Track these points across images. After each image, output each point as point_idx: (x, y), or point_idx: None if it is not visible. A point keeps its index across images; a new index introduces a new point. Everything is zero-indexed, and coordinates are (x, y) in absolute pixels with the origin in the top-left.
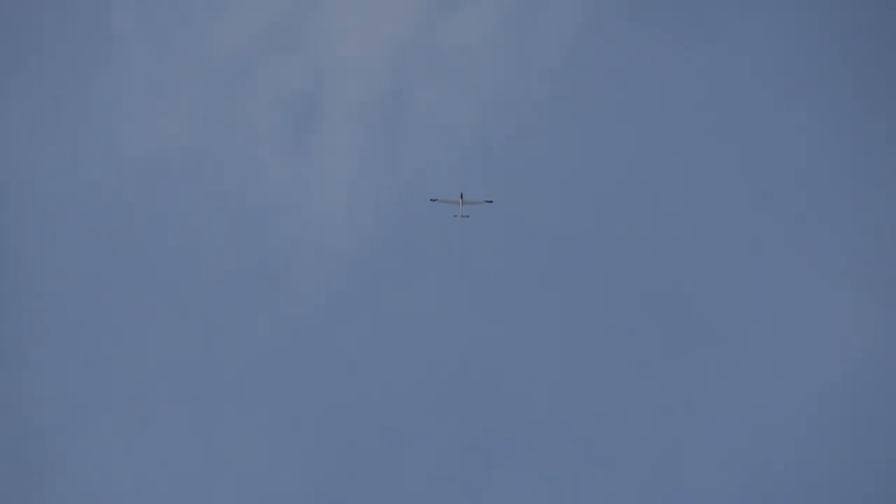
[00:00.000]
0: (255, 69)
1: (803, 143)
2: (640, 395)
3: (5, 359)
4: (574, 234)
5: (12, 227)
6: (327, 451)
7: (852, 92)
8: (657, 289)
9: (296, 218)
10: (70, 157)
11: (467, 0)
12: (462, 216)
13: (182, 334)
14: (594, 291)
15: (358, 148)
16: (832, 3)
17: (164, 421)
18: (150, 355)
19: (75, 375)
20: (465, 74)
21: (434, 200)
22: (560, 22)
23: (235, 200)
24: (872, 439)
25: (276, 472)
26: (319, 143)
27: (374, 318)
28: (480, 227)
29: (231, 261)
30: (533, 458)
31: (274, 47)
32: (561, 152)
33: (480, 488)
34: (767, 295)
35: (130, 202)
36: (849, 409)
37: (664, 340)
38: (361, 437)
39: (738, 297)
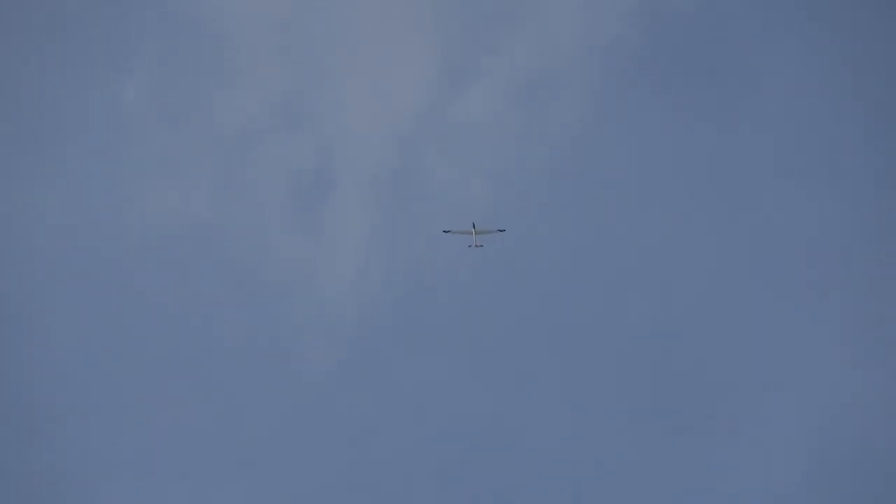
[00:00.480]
0: (266, 143)
1: (812, 220)
2: (645, 469)
3: (11, 431)
4: (582, 309)
5: (20, 298)
6: None
7: (862, 170)
8: (665, 364)
9: (305, 291)
10: (78, 228)
11: (478, 74)
12: (476, 245)
13: (190, 407)
14: (601, 366)
15: (367, 222)
16: (845, 82)
17: (173, 492)
18: (158, 427)
19: (83, 447)
20: (475, 149)
21: (447, 232)
22: (571, 98)
23: (245, 273)
24: None
25: None
26: (329, 217)
27: (381, 391)
28: (489, 300)
29: (239, 334)
30: None
31: (284, 121)
32: (570, 228)
33: None
34: (773, 371)
35: (138, 275)
36: (850, 484)
37: (670, 415)
38: None
39: (745, 373)
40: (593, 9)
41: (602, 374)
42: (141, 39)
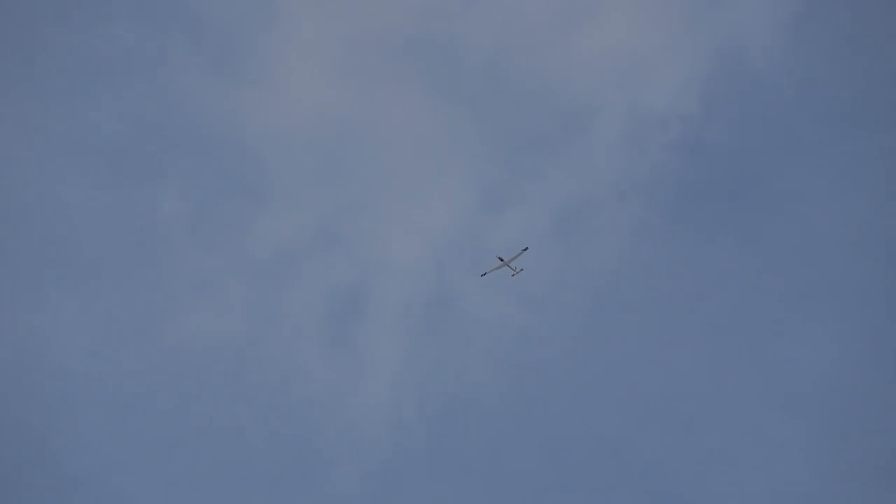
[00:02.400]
0: (301, 265)
1: (824, 354)
2: None
3: None
4: (609, 439)
5: (54, 420)
6: None
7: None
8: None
9: (338, 413)
10: (113, 347)
11: (514, 202)
12: (517, 272)
13: None
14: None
15: (401, 344)
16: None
17: None
18: None
19: None
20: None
21: (484, 275)
22: (609, 228)
23: (277, 394)
24: None
25: None
26: (363, 340)
27: None
28: (521, 425)
29: (271, 454)
30: None
31: (321, 244)
32: (603, 358)
33: None
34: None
35: (174, 394)
36: None
37: None
38: None
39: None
40: (634, 141)
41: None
42: (180, 156)
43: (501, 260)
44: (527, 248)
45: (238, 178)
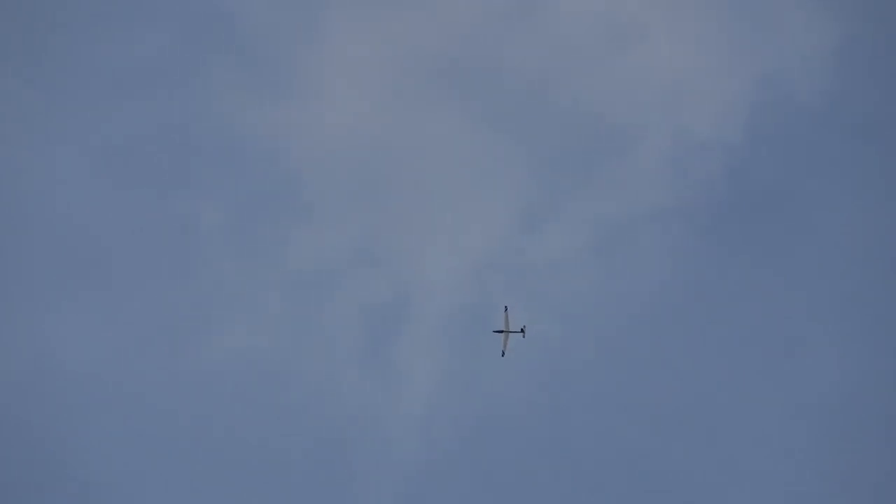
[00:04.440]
0: (339, 281)
1: (843, 368)
2: None
3: None
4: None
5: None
6: None
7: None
8: None
9: (372, 429)
10: (144, 358)
11: (554, 221)
12: (522, 331)
13: None
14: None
15: (437, 362)
16: None
17: None
18: None
19: None
20: (551, 289)
21: (504, 353)
22: (648, 249)
23: (313, 409)
24: None
25: None
26: (399, 356)
27: None
28: (558, 442)
29: (306, 469)
30: None
31: (358, 260)
32: (634, 372)
33: None
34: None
35: (208, 410)
36: None
37: None
38: None
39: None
40: (675, 166)
41: None
42: (220, 168)
43: (503, 331)
44: (506, 308)
45: (278, 192)
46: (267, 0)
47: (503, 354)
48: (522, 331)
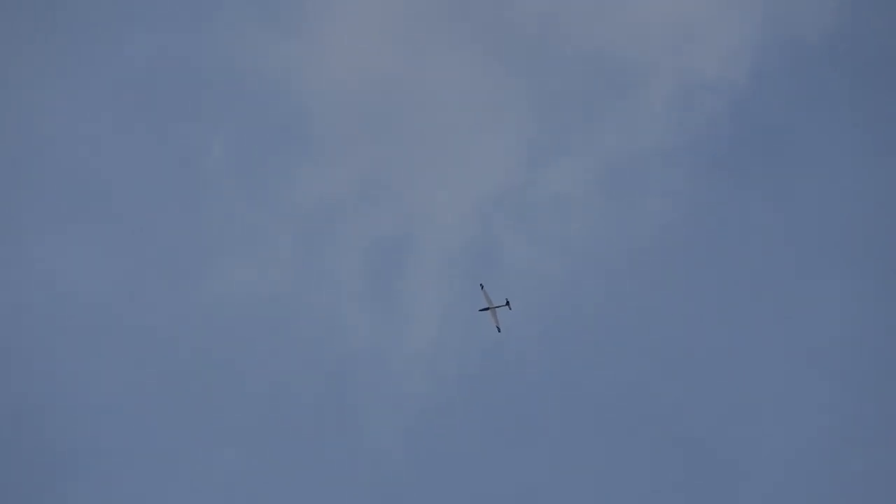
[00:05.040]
0: (344, 217)
1: (846, 310)
2: None
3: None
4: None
5: (79, 354)
6: None
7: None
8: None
9: (377, 366)
10: (150, 291)
11: (559, 158)
12: (506, 304)
13: (256, 476)
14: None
15: (442, 298)
16: None
17: None
18: (225, 493)
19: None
20: (555, 227)
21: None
22: (654, 185)
23: (318, 346)
24: None
25: None
26: (405, 292)
27: (445, 467)
28: (560, 377)
29: (311, 406)
30: None
31: (365, 196)
32: (637, 309)
33: None
34: (794, 445)
35: (211, 344)
36: None
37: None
38: None
39: (765, 445)
40: (681, 105)
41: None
42: (228, 102)
43: (488, 308)
44: (482, 286)
45: (284, 127)
46: None
47: (499, 330)
48: (507, 304)
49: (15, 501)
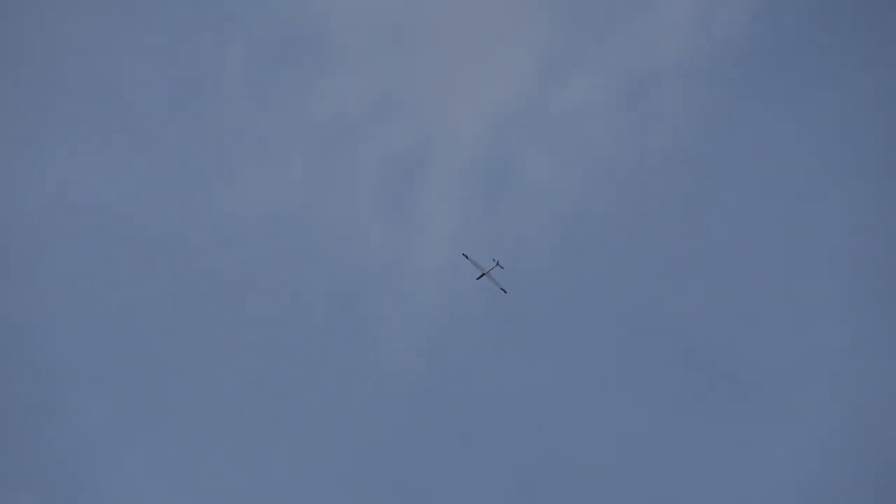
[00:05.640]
0: (361, 131)
1: (861, 219)
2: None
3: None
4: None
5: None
6: None
7: None
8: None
9: (393, 280)
10: (169, 208)
11: (578, 68)
12: (497, 264)
13: (272, 393)
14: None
15: (458, 212)
16: None
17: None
18: (241, 412)
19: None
20: (572, 141)
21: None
22: (673, 97)
23: (332, 261)
24: None
25: None
26: (421, 206)
27: (466, 379)
28: (577, 292)
29: (326, 321)
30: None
31: (380, 110)
32: (662, 223)
33: None
34: (806, 358)
35: (225, 257)
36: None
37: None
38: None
39: (777, 358)
40: (701, 17)
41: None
42: (245, 9)
43: (483, 275)
44: (466, 256)
45: (301, 41)
46: None
47: (505, 291)
48: (498, 264)
49: (15, 419)
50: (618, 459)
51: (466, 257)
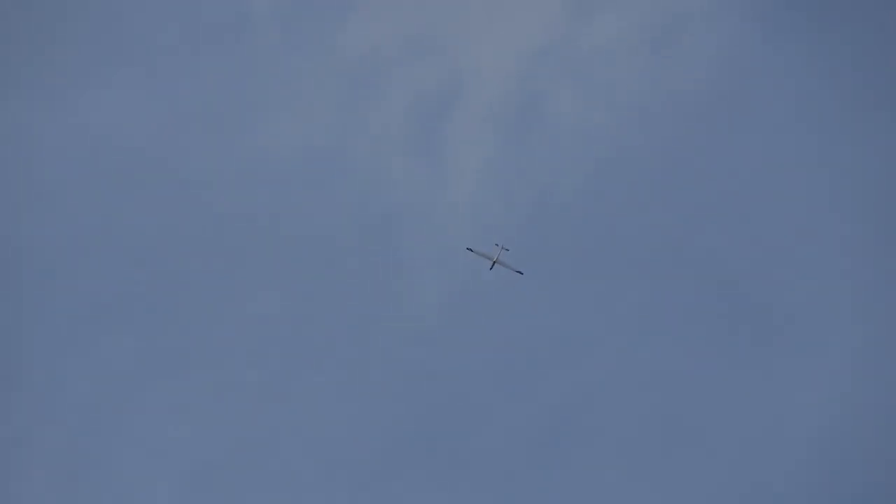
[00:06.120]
0: (389, 70)
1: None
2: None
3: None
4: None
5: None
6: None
7: None
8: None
9: (422, 217)
10: (190, 136)
11: (606, 5)
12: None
13: (303, 329)
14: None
15: (487, 151)
16: None
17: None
18: (270, 352)
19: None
20: (600, 79)
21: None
22: (704, 38)
23: (363, 200)
24: None
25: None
26: (449, 145)
27: (496, 315)
28: (605, 226)
29: (355, 257)
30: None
31: (408, 48)
32: (691, 159)
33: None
34: (848, 292)
35: (252, 196)
36: None
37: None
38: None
39: (817, 292)
40: None
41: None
42: None
43: (495, 263)
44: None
45: None
46: None
47: (521, 273)
48: (503, 247)
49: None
50: (646, 392)
51: (471, 251)
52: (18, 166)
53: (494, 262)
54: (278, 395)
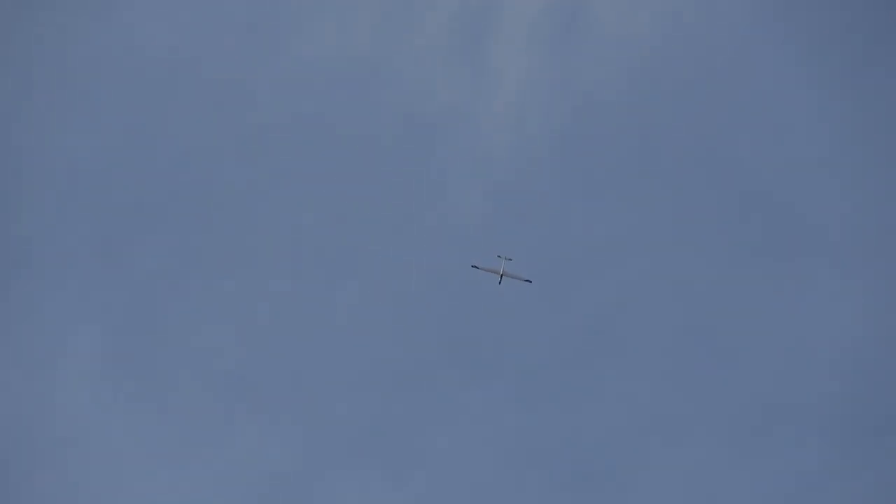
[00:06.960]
0: None
1: None
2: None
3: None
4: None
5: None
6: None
7: None
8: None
9: (465, 125)
10: (239, 57)
11: None
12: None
13: (343, 239)
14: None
15: (530, 60)
16: None
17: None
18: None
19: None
20: None
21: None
22: None
23: (406, 107)
24: None
25: None
26: (492, 52)
27: (535, 223)
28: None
29: (398, 166)
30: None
31: None
32: (730, 69)
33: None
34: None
35: (297, 104)
36: None
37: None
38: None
39: (851, 210)
40: None
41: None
42: None
43: (503, 276)
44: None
45: None
46: None
47: (530, 281)
48: (507, 258)
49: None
50: (679, 303)
51: (476, 268)
52: (63, 71)
53: (502, 276)
54: (316, 301)
